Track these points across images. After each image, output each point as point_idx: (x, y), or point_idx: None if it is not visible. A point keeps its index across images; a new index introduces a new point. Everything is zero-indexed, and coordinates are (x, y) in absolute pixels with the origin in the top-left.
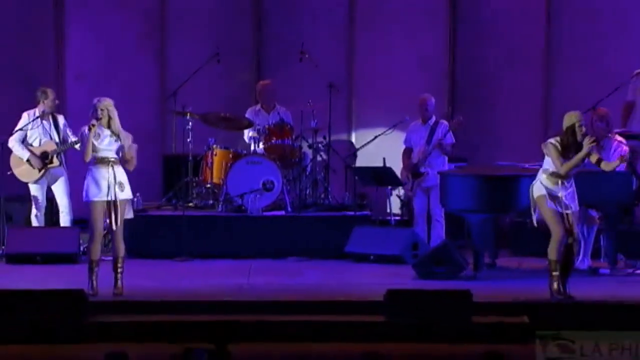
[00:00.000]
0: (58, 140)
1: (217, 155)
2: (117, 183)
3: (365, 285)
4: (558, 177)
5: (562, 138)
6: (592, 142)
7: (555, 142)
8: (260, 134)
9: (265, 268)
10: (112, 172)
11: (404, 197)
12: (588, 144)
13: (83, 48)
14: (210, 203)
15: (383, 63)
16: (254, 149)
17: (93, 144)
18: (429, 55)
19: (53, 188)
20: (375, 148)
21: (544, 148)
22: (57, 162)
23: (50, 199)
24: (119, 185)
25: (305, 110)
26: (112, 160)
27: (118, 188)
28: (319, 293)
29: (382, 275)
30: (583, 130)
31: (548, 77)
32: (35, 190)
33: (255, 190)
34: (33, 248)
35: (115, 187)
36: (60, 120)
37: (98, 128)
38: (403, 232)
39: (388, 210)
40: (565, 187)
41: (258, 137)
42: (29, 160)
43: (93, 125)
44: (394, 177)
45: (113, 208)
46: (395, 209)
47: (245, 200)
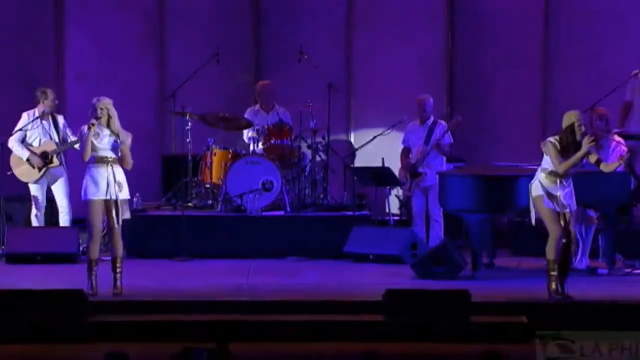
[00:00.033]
0: (58, 140)
1: (216, 156)
2: (116, 182)
3: (364, 285)
4: (557, 176)
5: (561, 137)
6: (591, 141)
7: (555, 140)
8: (260, 134)
9: (265, 268)
10: (111, 171)
11: (403, 197)
12: (587, 143)
13: (83, 48)
14: (210, 203)
15: (382, 63)
16: (253, 149)
17: (92, 143)
18: (428, 56)
19: (53, 188)
20: (374, 148)
21: (543, 147)
22: (57, 161)
23: (50, 199)
24: (118, 185)
25: (304, 111)
26: (111, 160)
27: (116, 188)
28: (318, 293)
29: (381, 275)
30: (582, 130)
31: (546, 78)
32: (35, 190)
33: (255, 190)
34: (33, 248)
35: (114, 186)
36: (60, 120)
37: (97, 127)
38: (402, 232)
39: (387, 210)
40: (564, 186)
41: (257, 137)
42: (29, 160)
43: (92, 125)
44: (393, 177)
45: (112, 207)
46: (394, 209)
47: (245, 200)
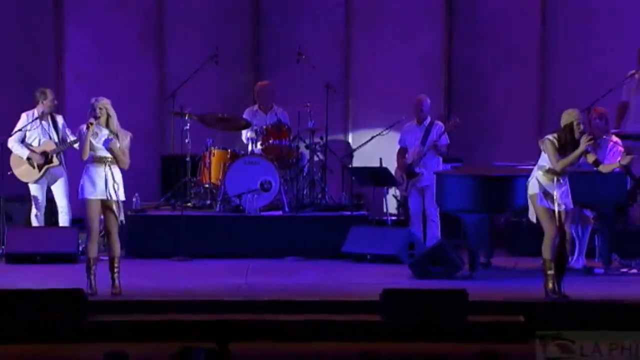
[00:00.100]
0: (57, 140)
1: (215, 156)
2: (114, 182)
3: (362, 285)
4: (554, 173)
5: (559, 135)
6: (589, 140)
7: (553, 138)
8: (258, 135)
9: (263, 268)
10: (109, 171)
11: (401, 197)
12: (585, 142)
13: (83, 48)
14: (208, 203)
15: (381, 63)
16: (252, 150)
17: (91, 143)
18: (427, 56)
19: (52, 188)
20: (372, 148)
21: (541, 144)
22: (57, 161)
23: (50, 199)
24: (116, 185)
25: (303, 111)
26: (109, 160)
27: (115, 188)
28: (316, 292)
29: (378, 275)
30: (581, 128)
31: (544, 77)
32: (35, 190)
33: (253, 191)
34: (33, 248)
35: (113, 186)
36: (59, 121)
37: (96, 127)
38: (399, 232)
39: (385, 210)
40: (561, 184)
41: (256, 137)
42: (30, 158)
43: (91, 124)
44: (391, 177)
45: (109, 207)
46: (392, 209)
47: (243, 200)
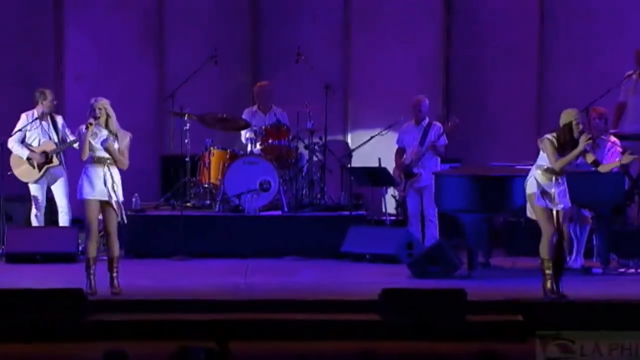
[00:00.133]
0: (57, 141)
1: (214, 156)
2: (113, 183)
3: (361, 285)
4: (552, 173)
5: (558, 135)
6: (588, 139)
7: (552, 137)
8: (257, 135)
9: (262, 267)
10: (107, 172)
11: (399, 197)
12: (584, 141)
13: (82, 49)
14: (208, 203)
15: (380, 64)
16: (251, 150)
17: (90, 143)
18: (426, 56)
19: (52, 188)
20: (371, 149)
21: (540, 143)
22: (56, 161)
23: (50, 199)
24: (114, 186)
25: (302, 111)
26: (108, 161)
27: (113, 188)
28: (315, 292)
29: (377, 275)
30: (580, 128)
31: (543, 77)
32: (35, 190)
33: (252, 191)
34: (33, 247)
35: (112, 186)
36: (59, 121)
37: (96, 127)
38: (398, 231)
39: (383, 210)
40: (559, 183)
41: (255, 137)
42: (30, 158)
43: (90, 124)
44: (389, 177)
45: (107, 208)
46: (391, 209)
47: (243, 200)
